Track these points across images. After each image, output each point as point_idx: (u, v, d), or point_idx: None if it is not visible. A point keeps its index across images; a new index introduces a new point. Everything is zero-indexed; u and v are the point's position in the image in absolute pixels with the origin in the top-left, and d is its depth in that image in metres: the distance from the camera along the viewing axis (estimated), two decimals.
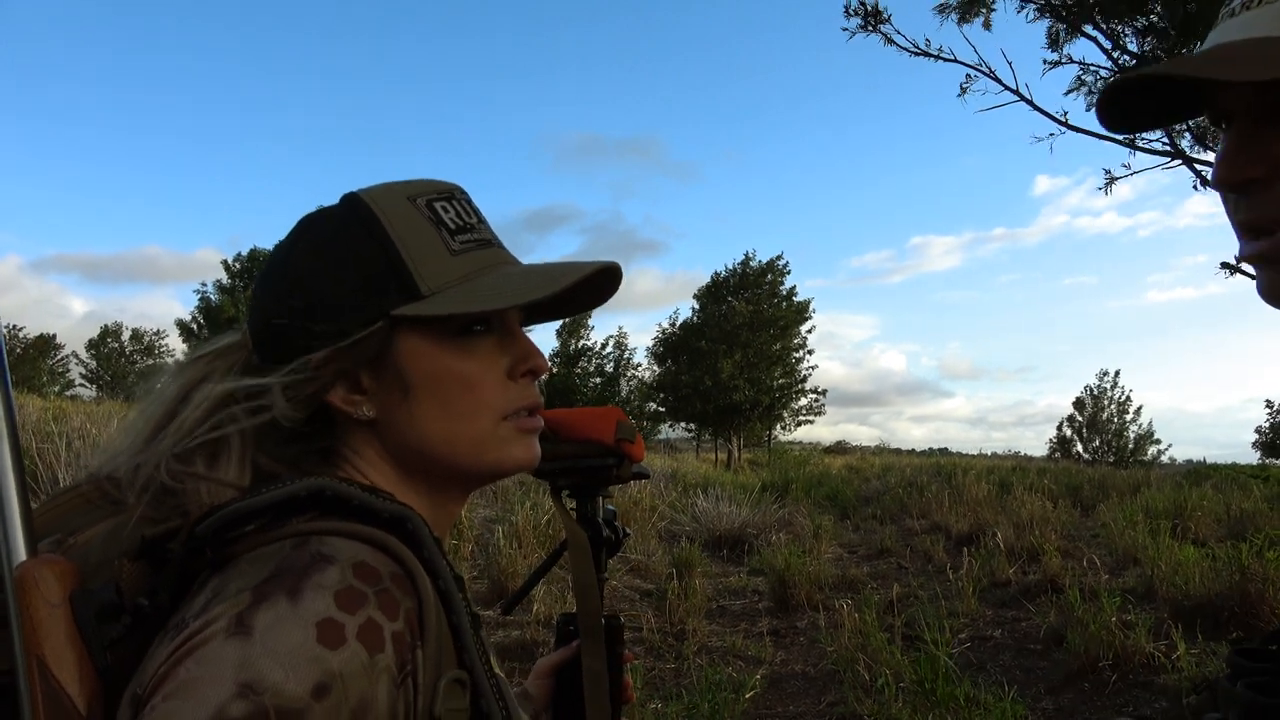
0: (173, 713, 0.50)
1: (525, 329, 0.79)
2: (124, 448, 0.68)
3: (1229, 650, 0.63)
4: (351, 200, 0.72)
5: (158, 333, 45.90)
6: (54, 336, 47.81)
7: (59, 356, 47.63)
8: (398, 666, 0.56)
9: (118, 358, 44.65)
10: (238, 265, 37.41)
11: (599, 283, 0.78)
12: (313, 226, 0.73)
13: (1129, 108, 0.63)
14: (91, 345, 44.40)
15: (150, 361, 44.22)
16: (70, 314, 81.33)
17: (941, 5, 6.26)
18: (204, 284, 37.63)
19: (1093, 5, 5.78)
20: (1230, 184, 0.56)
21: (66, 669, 0.55)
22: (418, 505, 0.70)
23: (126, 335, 45.75)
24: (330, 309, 0.68)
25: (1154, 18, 5.70)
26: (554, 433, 1.04)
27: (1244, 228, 0.56)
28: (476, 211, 0.75)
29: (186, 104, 79.96)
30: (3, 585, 0.58)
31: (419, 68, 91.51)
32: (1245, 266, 0.57)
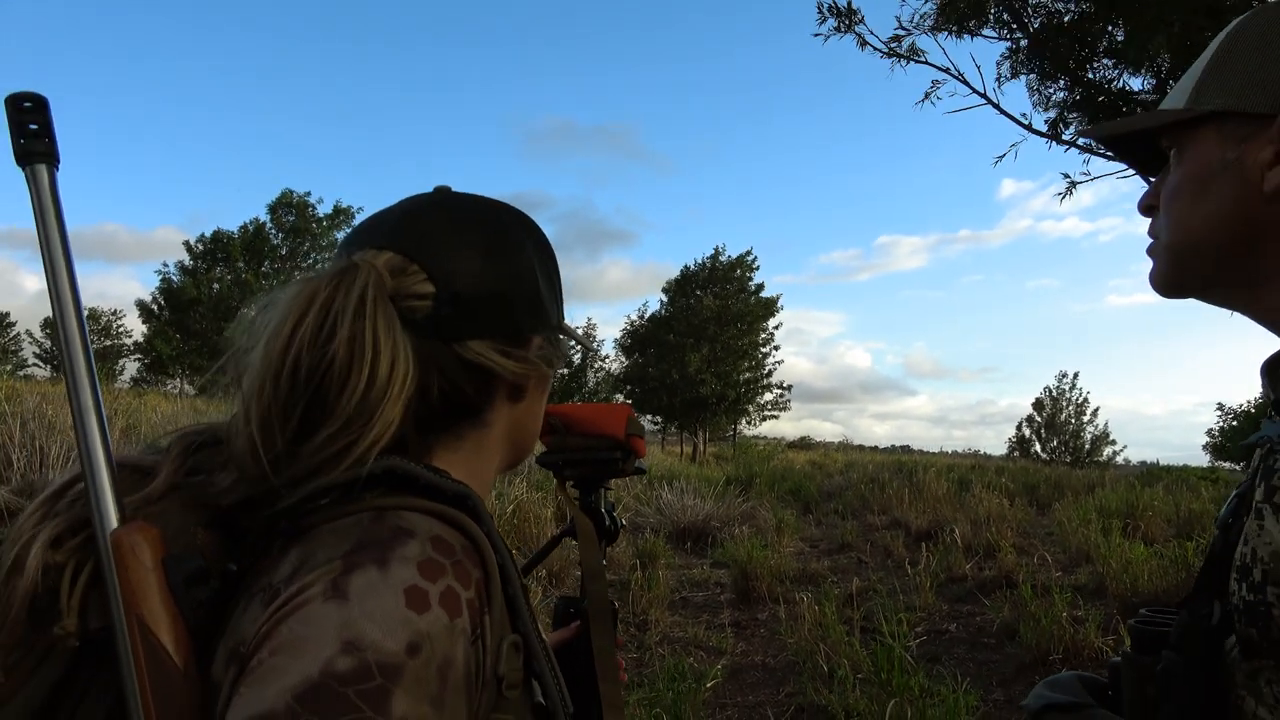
0: (282, 667, 0.54)
1: None
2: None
3: (1142, 610, 0.81)
4: (531, 220, 0.84)
5: (115, 313, 44.87)
6: (6, 314, 46.68)
7: (11, 335, 46.46)
8: (471, 630, 0.61)
9: None
10: (200, 247, 36.72)
11: None
12: (525, 223, 0.82)
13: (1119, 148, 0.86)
14: (46, 324, 43.26)
15: (108, 342, 43.26)
16: (22, 292, 79.10)
17: (913, 19, 6.33)
18: (165, 264, 36.88)
19: (1062, 47, 5.90)
20: (1141, 210, 0.81)
21: (163, 628, 0.59)
22: (485, 478, 0.79)
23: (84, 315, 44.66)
24: (550, 304, 0.81)
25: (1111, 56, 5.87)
26: (565, 426, 1.10)
27: (1150, 235, 0.80)
28: None
29: (142, 77, 78.20)
30: (97, 549, 0.61)
31: (386, 45, 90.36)
32: None
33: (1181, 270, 0.75)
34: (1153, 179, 0.81)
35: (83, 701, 0.62)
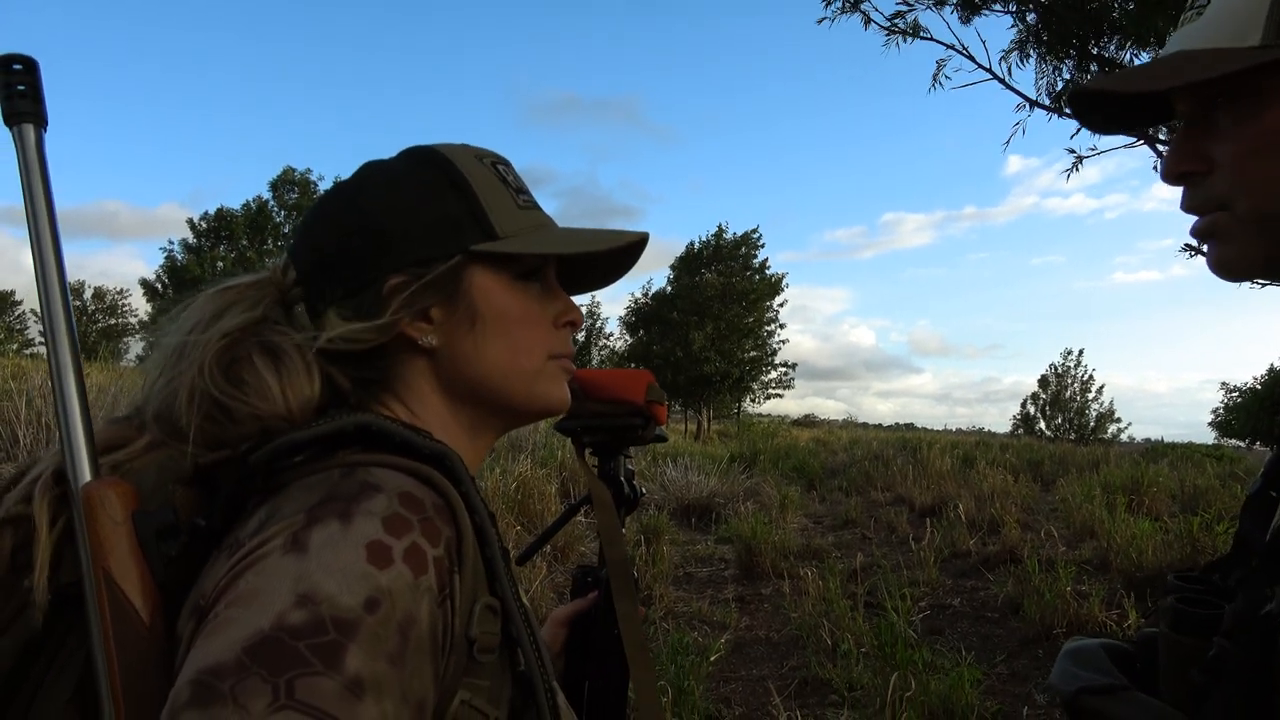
0: (236, 619, 0.53)
1: None
2: (154, 378, 0.71)
3: (1171, 576, 0.75)
4: (424, 150, 0.77)
5: (120, 291, 44.92)
6: (12, 293, 46.69)
7: (16, 314, 46.51)
8: (438, 588, 0.59)
9: (80, 316, 43.62)
10: (204, 225, 36.65)
11: (623, 258, 0.86)
12: (383, 168, 0.77)
13: (1102, 112, 0.71)
14: None
15: (113, 321, 43.37)
16: (25, 270, 78.74)
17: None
18: (170, 242, 36.84)
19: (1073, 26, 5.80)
20: (1170, 178, 0.66)
21: (130, 581, 0.60)
22: (455, 442, 0.74)
23: (89, 294, 44.75)
24: (409, 239, 0.72)
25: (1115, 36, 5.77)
26: (583, 391, 1.07)
27: (1189, 212, 0.66)
28: (522, 179, 0.82)
29: (141, 51, 77.71)
30: (71, 503, 0.62)
31: (387, 18, 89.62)
32: (1204, 248, 0.66)
33: (1272, 246, 0.62)
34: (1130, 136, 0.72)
35: (60, 652, 0.63)
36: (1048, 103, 6.19)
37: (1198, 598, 0.71)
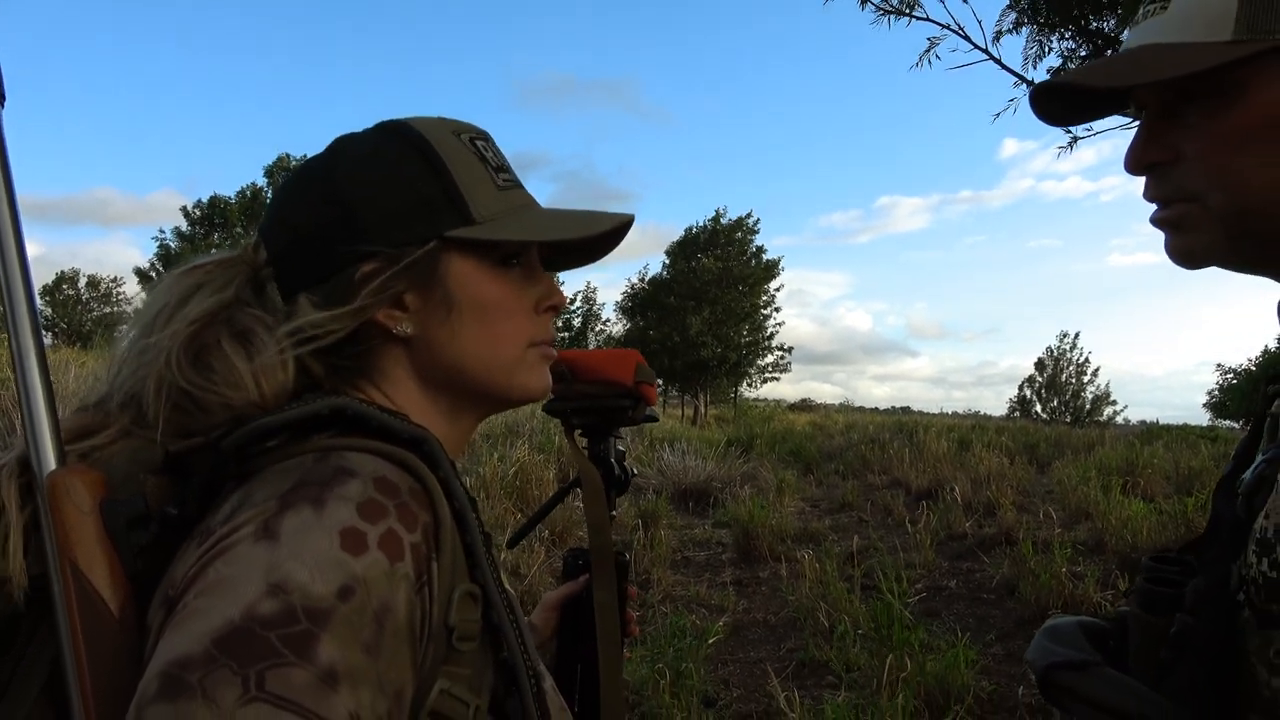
0: (205, 609, 0.52)
1: None
2: (118, 369, 0.69)
3: (1145, 558, 0.77)
4: (399, 126, 0.74)
5: (115, 279, 44.68)
6: None
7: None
8: (415, 575, 0.58)
9: (74, 305, 43.47)
10: (197, 212, 36.48)
11: (608, 239, 0.83)
12: (356, 145, 0.73)
13: (1062, 105, 0.72)
14: (46, 291, 43.08)
15: (108, 310, 43.20)
16: None
17: None
18: (163, 230, 36.68)
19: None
20: (1135, 169, 0.67)
21: (98, 572, 0.58)
22: (434, 427, 0.71)
23: (83, 282, 44.52)
24: (382, 224, 0.69)
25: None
26: (572, 373, 1.07)
27: (1154, 201, 0.67)
28: (503, 155, 0.78)
29: (135, 37, 77.11)
30: (36, 493, 0.60)
31: (382, 1, 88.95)
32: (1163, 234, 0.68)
33: (1239, 238, 0.63)
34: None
35: (30, 644, 0.61)
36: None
37: (1170, 578, 0.73)
